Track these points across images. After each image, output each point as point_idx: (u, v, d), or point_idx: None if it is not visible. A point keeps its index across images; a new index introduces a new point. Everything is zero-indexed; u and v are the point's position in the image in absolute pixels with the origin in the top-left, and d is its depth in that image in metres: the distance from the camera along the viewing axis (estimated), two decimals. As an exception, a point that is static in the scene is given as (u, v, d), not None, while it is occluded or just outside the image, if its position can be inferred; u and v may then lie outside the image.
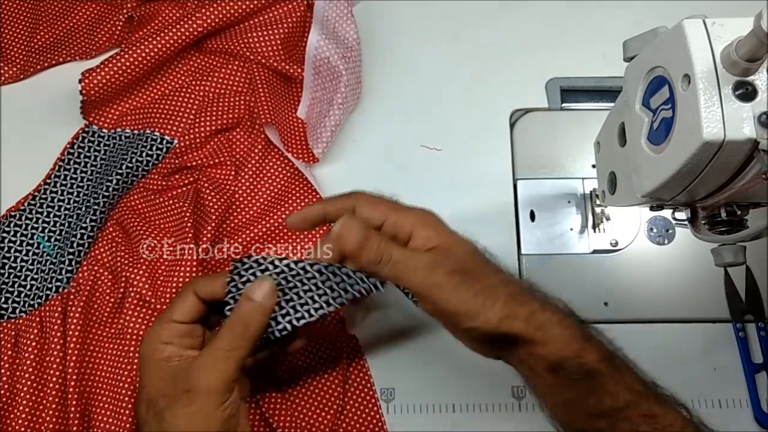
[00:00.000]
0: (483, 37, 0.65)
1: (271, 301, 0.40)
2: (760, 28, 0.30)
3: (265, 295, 0.40)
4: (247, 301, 0.40)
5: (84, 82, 0.58)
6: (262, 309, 0.40)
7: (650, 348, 0.55)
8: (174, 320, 0.41)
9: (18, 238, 0.57)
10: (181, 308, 0.41)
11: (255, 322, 0.40)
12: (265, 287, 0.40)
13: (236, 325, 0.39)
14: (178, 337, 0.41)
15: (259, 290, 0.40)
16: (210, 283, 0.42)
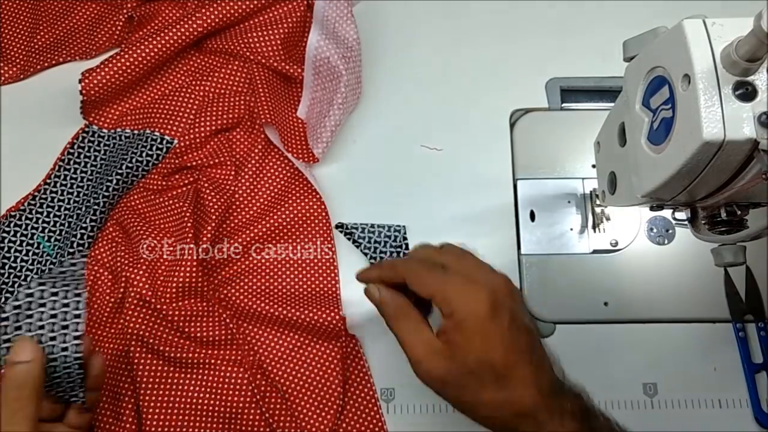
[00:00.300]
0: (483, 37, 0.65)
1: (38, 353, 0.38)
2: (760, 28, 0.30)
3: (30, 352, 0.37)
4: (13, 365, 0.37)
5: (84, 82, 0.58)
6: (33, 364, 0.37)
7: (650, 348, 0.55)
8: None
9: (18, 238, 0.57)
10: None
11: (30, 378, 0.37)
12: (26, 345, 0.38)
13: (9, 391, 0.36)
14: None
15: (23, 350, 0.37)
16: None
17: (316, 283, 0.56)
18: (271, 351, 0.54)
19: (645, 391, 0.54)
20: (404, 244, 0.57)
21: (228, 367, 0.53)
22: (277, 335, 0.54)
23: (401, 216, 0.58)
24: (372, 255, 0.57)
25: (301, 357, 0.53)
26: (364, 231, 0.57)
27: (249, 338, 0.54)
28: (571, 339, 0.55)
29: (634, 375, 0.54)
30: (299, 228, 0.58)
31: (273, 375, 0.53)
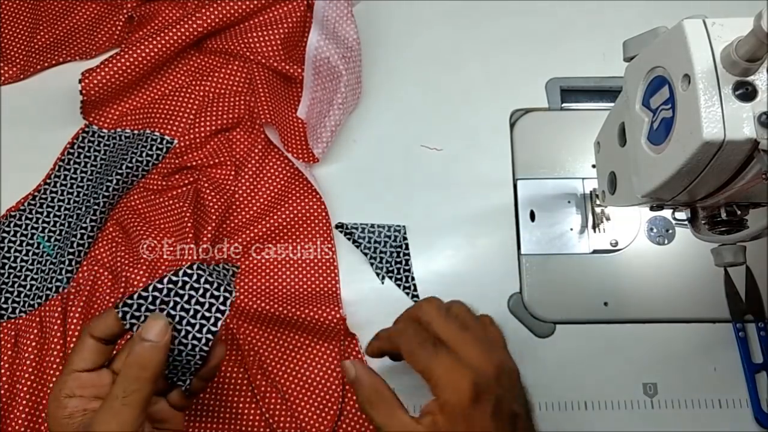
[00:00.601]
0: (483, 37, 0.65)
1: (166, 337, 0.38)
2: (760, 28, 0.30)
3: (158, 333, 0.38)
4: (141, 341, 0.37)
5: (84, 82, 0.58)
6: (157, 348, 0.37)
7: (650, 348, 0.55)
8: (75, 370, 0.38)
9: (18, 238, 0.57)
10: (79, 355, 0.39)
11: (152, 361, 0.37)
12: (158, 325, 0.38)
13: (131, 368, 0.37)
14: (81, 388, 0.38)
15: (152, 329, 0.38)
16: (103, 321, 0.39)
17: (316, 283, 0.56)
18: (271, 351, 0.54)
19: (645, 391, 0.54)
20: (404, 244, 0.57)
21: (228, 367, 0.53)
22: (277, 335, 0.54)
23: (401, 216, 0.58)
24: (372, 255, 0.57)
25: (301, 357, 0.53)
26: (364, 231, 0.57)
27: (249, 338, 0.54)
28: (571, 339, 0.55)
29: (634, 375, 0.54)
30: (299, 228, 0.58)
31: (273, 375, 0.53)
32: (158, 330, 0.38)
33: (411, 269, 0.57)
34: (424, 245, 0.58)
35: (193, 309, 0.39)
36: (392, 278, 0.57)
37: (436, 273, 0.57)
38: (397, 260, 0.57)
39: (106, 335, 0.39)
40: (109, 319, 0.39)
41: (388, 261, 0.57)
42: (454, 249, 0.58)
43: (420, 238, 0.58)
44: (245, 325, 0.54)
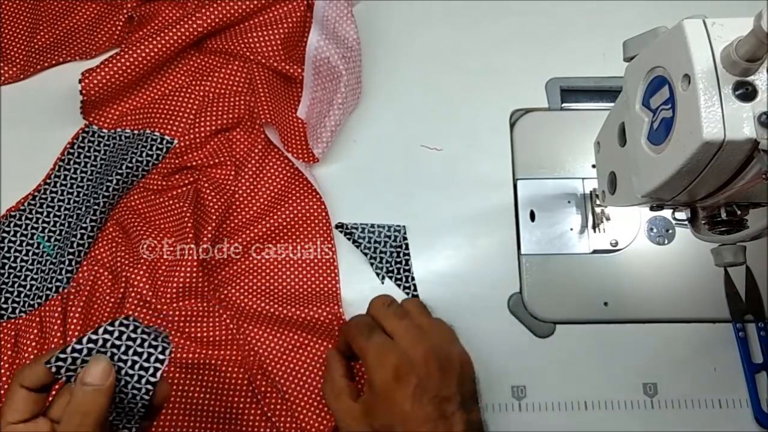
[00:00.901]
0: (483, 37, 0.65)
1: (110, 379, 0.36)
2: (760, 28, 0.30)
3: (101, 376, 0.36)
4: (82, 386, 0.36)
5: (84, 82, 0.58)
6: (100, 392, 0.36)
7: (650, 348, 0.55)
8: (9, 422, 0.37)
9: (18, 238, 0.57)
10: (11, 407, 0.37)
11: (96, 406, 0.36)
12: (100, 367, 0.36)
13: (73, 416, 0.35)
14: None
15: (95, 372, 0.36)
16: (33, 371, 0.37)
17: (317, 283, 0.56)
18: (271, 351, 0.53)
19: (645, 391, 0.54)
20: (404, 244, 0.57)
21: (228, 367, 0.53)
22: (278, 335, 0.54)
23: (401, 216, 0.58)
24: (372, 255, 0.57)
25: (301, 357, 0.53)
26: (364, 231, 0.57)
27: (249, 338, 0.54)
28: (571, 339, 0.55)
29: (634, 375, 0.54)
30: (299, 228, 0.58)
31: (273, 375, 0.53)
32: (101, 372, 0.36)
33: (411, 269, 0.57)
34: (424, 245, 0.58)
35: (131, 359, 0.38)
36: (392, 278, 0.57)
37: (436, 273, 0.57)
38: (397, 260, 0.57)
39: (36, 385, 0.37)
40: (39, 369, 0.37)
41: (388, 261, 0.57)
42: (454, 249, 0.58)
43: (420, 238, 0.58)
44: (245, 325, 0.54)
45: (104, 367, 0.36)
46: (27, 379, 0.37)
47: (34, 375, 0.37)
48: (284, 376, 0.53)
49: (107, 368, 0.37)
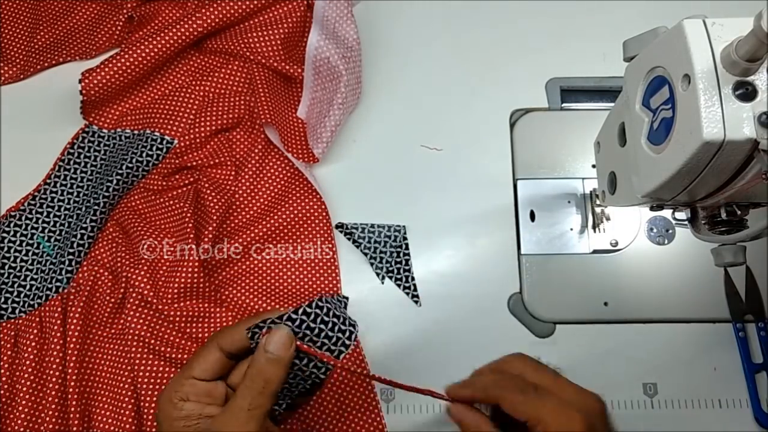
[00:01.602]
0: (483, 37, 0.65)
1: (289, 352, 0.37)
2: (760, 28, 0.30)
3: (281, 347, 0.37)
4: (264, 353, 0.37)
5: (84, 82, 0.58)
6: (279, 361, 0.37)
7: (650, 348, 0.55)
8: (195, 377, 0.38)
9: (18, 238, 0.57)
10: (203, 364, 0.39)
11: (275, 376, 0.37)
12: (280, 337, 0.37)
13: (256, 381, 0.37)
14: (196, 395, 0.38)
15: (275, 341, 0.37)
16: (233, 334, 0.39)
17: (317, 283, 0.56)
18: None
19: (645, 391, 0.54)
20: (404, 244, 0.57)
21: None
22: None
23: (401, 216, 0.58)
24: (372, 255, 0.57)
25: (301, 357, 0.53)
26: (364, 231, 0.57)
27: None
28: (571, 339, 0.55)
29: (634, 375, 0.54)
30: (299, 228, 0.58)
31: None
32: (287, 345, 0.37)
33: (411, 269, 0.57)
34: (424, 245, 0.58)
35: (321, 341, 0.39)
36: (392, 278, 0.57)
37: (436, 273, 0.57)
38: (397, 260, 0.57)
39: (231, 349, 0.39)
40: (238, 333, 0.38)
41: (388, 261, 0.57)
42: (454, 249, 0.58)
43: (420, 238, 0.58)
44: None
45: (284, 340, 0.37)
46: (225, 341, 0.39)
47: (233, 338, 0.38)
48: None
49: (287, 341, 0.37)
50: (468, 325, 0.54)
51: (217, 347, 0.39)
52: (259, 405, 0.36)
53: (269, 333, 0.37)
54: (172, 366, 0.53)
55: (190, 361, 0.39)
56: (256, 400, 0.36)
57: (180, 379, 0.39)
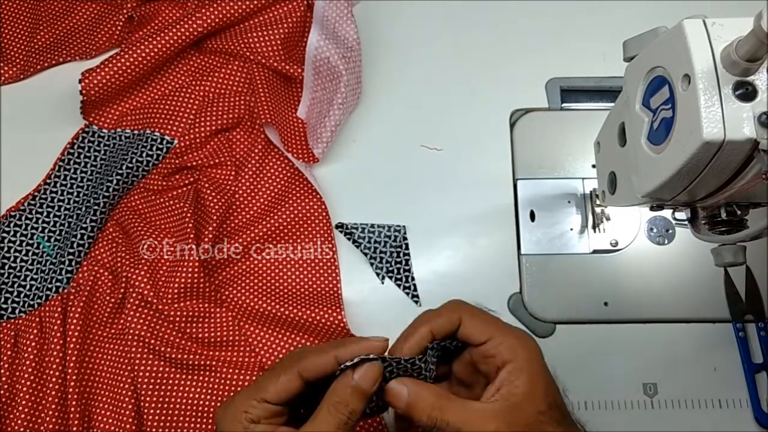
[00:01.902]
0: (483, 37, 0.65)
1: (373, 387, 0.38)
2: (760, 28, 0.30)
3: (369, 380, 0.38)
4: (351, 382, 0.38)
5: (84, 82, 0.58)
6: (364, 394, 0.38)
7: (650, 348, 0.55)
8: (266, 400, 0.38)
9: (18, 238, 0.57)
10: (280, 390, 0.38)
11: (357, 407, 0.38)
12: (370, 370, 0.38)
13: (341, 410, 0.37)
14: (268, 418, 0.38)
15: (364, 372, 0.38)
16: (319, 364, 0.39)
17: (317, 283, 0.56)
18: (272, 352, 0.53)
19: (645, 391, 0.54)
20: (404, 244, 0.57)
21: (229, 369, 0.53)
22: (279, 336, 0.54)
23: (401, 216, 0.58)
24: (372, 255, 0.57)
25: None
26: (364, 231, 0.57)
27: (250, 340, 0.54)
28: (571, 339, 0.55)
29: (634, 375, 0.54)
30: (299, 228, 0.58)
31: None
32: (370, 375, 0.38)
33: (411, 269, 0.57)
34: (424, 245, 0.58)
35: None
36: (392, 278, 0.57)
37: (436, 273, 0.57)
38: (397, 260, 0.57)
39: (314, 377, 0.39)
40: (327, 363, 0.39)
41: (388, 261, 0.57)
42: (454, 249, 0.58)
43: (420, 238, 0.58)
44: (246, 326, 0.54)
45: (374, 371, 0.38)
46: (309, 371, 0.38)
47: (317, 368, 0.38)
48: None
49: (376, 373, 0.38)
50: (468, 325, 0.54)
51: (297, 375, 0.38)
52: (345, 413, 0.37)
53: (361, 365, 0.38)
54: (172, 366, 0.53)
55: (264, 382, 0.39)
56: (339, 428, 0.37)
57: (250, 400, 0.38)
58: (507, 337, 0.40)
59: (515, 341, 0.40)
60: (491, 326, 0.41)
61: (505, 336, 0.40)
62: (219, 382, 0.53)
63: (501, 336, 0.40)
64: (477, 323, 0.41)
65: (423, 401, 0.39)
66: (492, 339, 0.40)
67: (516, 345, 0.40)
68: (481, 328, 0.40)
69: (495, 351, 0.40)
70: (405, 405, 0.39)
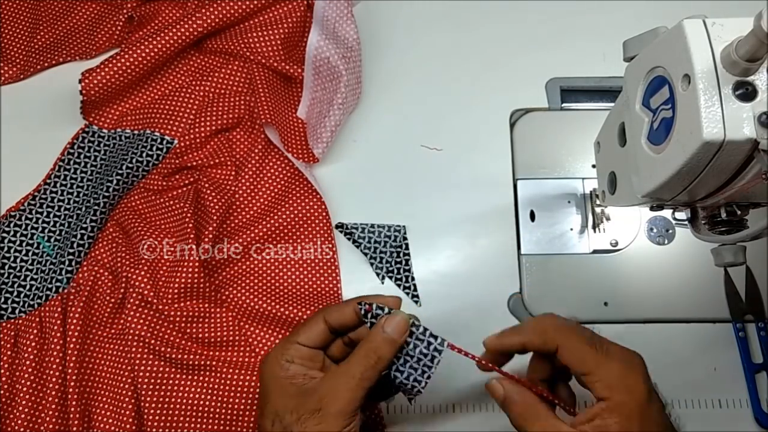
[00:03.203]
0: (483, 37, 0.65)
1: (403, 337, 0.41)
2: (760, 28, 0.30)
3: (398, 330, 0.41)
4: (381, 332, 0.41)
5: (84, 82, 0.58)
6: (393, 343, 0.40)
7: (650, 348, 0.54)
8: (299, 342, 0.42)
9: (18, 238, 0.57)
10: (308, 333, 0.43)
11: (386, 355, 0.40)
12: (399, 321, 0.41)
13: (370, 355, 0.40)
14: (300, 359, 0.42)
15: (394, 324, 0.41)
16: (341, 312, 0.43)
17: (317, 283, 0.56)
18: (271, 351, 0.54)
19: (645, 391, 0.54)
20: (404, 244, 0.57)
21: (229, 369, 0.53)
22: (279, 336, 0.54)
23: (401, 216, 0.58)
24: (372, 255, 0.57)
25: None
26: (364, 231, 0.57)
27: (250, 340, 0.54)
28: (571, 339, 0.55)
29: (634, 375, 0.54)
30: (299, 228, 0.58)
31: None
32: (399, 326, 0.41)
33: (411, 269, 0.57)
34: (424, 245, 0.58)
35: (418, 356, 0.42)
36: (392, 278, 0.57)
37: (436, 273, 0.57)
38: (397, 260, 0.57)
39: (337, 325, 0.43)
40: (347, 310, 0.42)
41: (388, 261, 0.57)
42: (454, 249, 0.58)
43: (420, 238, 0.58)
44: (246, 326, 0.54)
45: (402, 324, 0.41)
46: (332, 316, 0.43)
47: (340, 314, 0.43)
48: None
49: (404, 326, 0.41)
50: (468, 325, 0.54)
51: (323, 320, 0.43)
52: (368, 377, 0.40)
53: (389, 316, 0.41)
54: (172, 366, 0.53)
55: (296, 329, 0.43)
56: (368, 371, 0.40)
57: (285, 344, 0.42)
58: (603, 374, 0.39)
59: (613, 380, 0.39)
60: (590, 359, 0.39)
61: (603, 371, 0.39)
62: (219, 382, 0.53)
63: (598, 372, 0.39)
64: (575, 353, 0.40)
65: (513, 405, 0.41)
66: (589, 374, 0.39)
67: (613, 384, 0.39)
68: (580, 360, 0.40)
69: (591, 386, 0.39)
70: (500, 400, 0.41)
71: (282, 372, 0.41)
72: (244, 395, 0.52)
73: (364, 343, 0.41)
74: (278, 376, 0.41)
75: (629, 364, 0.40)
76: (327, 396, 0.39)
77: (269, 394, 0.41)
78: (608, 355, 0.40)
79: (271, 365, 0.42)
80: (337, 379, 0.40)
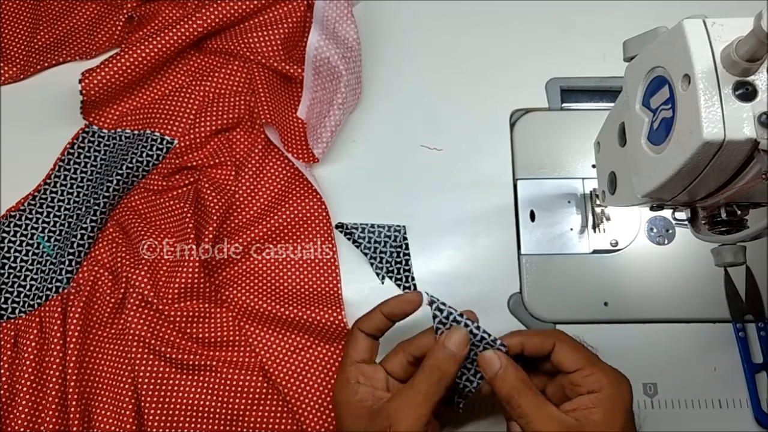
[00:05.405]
0: (483, 37, 0.65)
1: (464, 351, 0.42)
2: (760, 28, 0.30)
3: (459, 346, 0.42)
4: (443, 348, 0.42)
5: (84, 82, 0.58)
6: (454, 358, 0.42)
7: (650, 348, 0.55)
8: (356, 361, 0.45)
9: (18, 238, 0.57)
10: (355, 348, 0.46)
11: (450, 370, 0.42)
12: (459, 337, 0.42)
13: (434, 371, 0.42)
14: (364, 378, 0.44)
15: (454, 340, 0.42)
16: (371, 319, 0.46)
17: (318, 284, 0.56)
18: (272, 353, 0.54)
19: (645, 391, 0.54)
20: (404, 244, 0.57)
21: (229, 369, 0.53)
22: (279, 336, 0.54)
23: (401, 216, 0.58)
24: (372, 255, 0.57)
25: (302, 359, 0.53)
26: (364, 231, 0.57)
27: (250, 340, 0.54)
28: (571, 339, 0.55)
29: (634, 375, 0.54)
30: (300, 228, 0.58)
31: (274, 377, 0.53)
32: (460, 342, 0.42)
33: (411, 269, 0.57)
34: (425, 245, 0.58)
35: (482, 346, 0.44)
36: (392, 278, 0.57)
37: (436, 273, 0.57)
38: (397, 260, 0.57)
39: (372, 330, 0.46)
40: (377, 317, 0.46)
41: (388, 261, 0.57)
42: (454, 249, 0.58)
43: (420, 238, 0.58)
44: (246, 326, 0.54)
45: (463, 340, 0.42)
46: (364, 326, 0.46)
47: (372, 322, 0.46)
48: (285, 378, 0.53)
49: (465, 341, 0.42)
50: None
51: (359, 332, 0.46)
52: (433, 393, 0.41)
53: (450, 331, 0.42)
54: (172, 366, 0.53)
55: (345, 350, 0.46)
56: (432, 388, 0.41)
57: (346, 367, 0.45)
58: (597, 370, 0.43)
59: (604, 377, 0.42)
60: (583, 358, 0.43)
61: (595, 369, 0.43)
62: (219, 382, 0.53)
63: (591, 368, 0.43)
64: (570, 352, 0.44)
65: (509, 378, 0.42)
66: (581, 370, 0.43)
67: (604, 381, 0.42)
68: (574, 358, 0.43)
69: (582, 381, 0.43)
70: (492, 374, 0.43)
71: (353, 396, 0.43)
72: (244, 395, 0.52)
73: (427, 360, 0.42)
74: (350, 401, 0.43)
75: (619, 376, 0.44)
76: (395, 415, 0.41)
77: (343, 420, 0.44)
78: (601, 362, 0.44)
79: (341, 391, 0.44)
80: (404, 397, 0.42)
